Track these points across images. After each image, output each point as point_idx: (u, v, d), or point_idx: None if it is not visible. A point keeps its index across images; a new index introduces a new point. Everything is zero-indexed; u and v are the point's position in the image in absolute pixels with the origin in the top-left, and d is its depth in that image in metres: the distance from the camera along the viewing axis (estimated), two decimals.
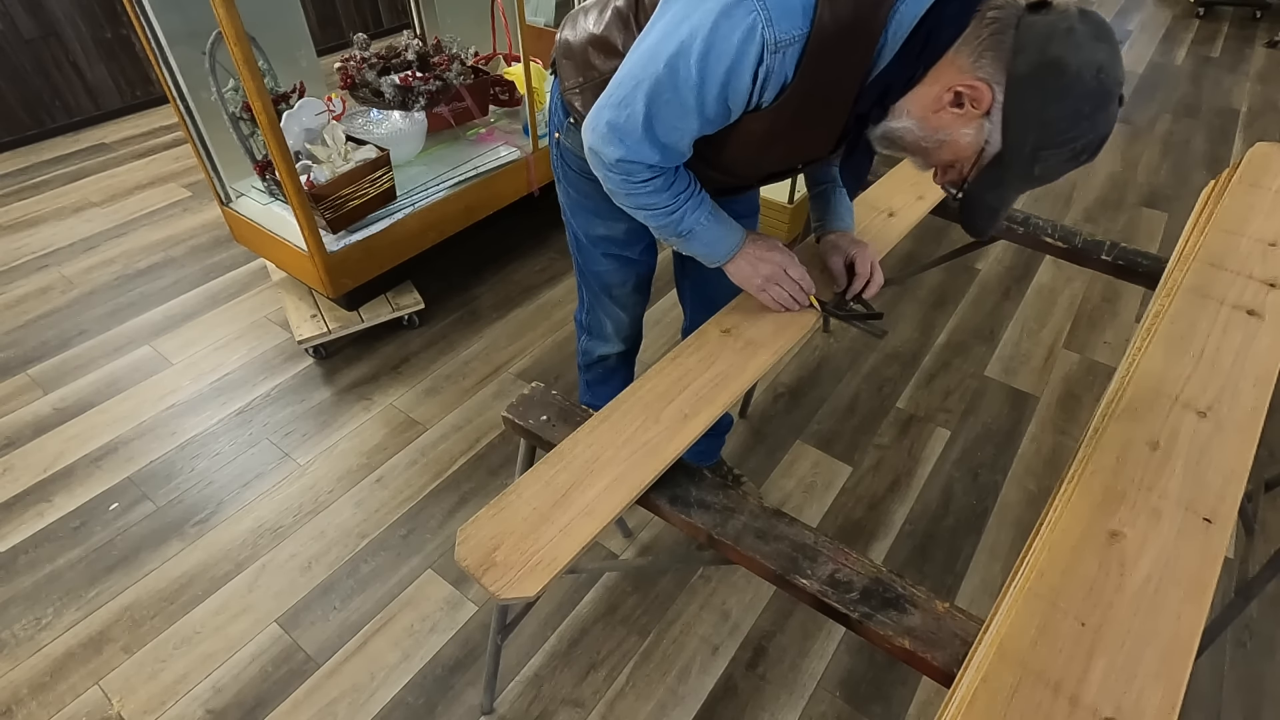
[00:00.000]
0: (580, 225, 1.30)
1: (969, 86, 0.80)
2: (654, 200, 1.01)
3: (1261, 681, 1.48)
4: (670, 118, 0.90)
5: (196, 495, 1.84)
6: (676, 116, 0.89)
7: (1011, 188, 0.87)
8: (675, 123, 0.90)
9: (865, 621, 0.82)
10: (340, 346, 2.28)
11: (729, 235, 1.10)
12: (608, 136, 0.94)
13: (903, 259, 2.62)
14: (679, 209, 1.03)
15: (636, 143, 0.93)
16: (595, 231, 1.29)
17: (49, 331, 2.36)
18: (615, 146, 0.94)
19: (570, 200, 1.29)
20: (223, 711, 1.43)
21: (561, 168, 1.25)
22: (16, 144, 3.43)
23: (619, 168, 0.97)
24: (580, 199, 1.26)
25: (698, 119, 0.89)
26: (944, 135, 0.85)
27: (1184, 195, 3.05)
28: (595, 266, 1.36)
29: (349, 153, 2.03)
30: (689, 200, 1.04)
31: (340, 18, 4.41)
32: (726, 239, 1.10)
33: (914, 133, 0.87)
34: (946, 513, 1.80)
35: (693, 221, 1.05)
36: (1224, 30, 4.80)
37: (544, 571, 0.82)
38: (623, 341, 1.50)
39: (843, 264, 1.21)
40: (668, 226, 1.05)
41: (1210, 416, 0.98)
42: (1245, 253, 1.28)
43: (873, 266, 1.19)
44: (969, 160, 0.86)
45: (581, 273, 1.40)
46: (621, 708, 1.44)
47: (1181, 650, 0.73)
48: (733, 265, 1.12)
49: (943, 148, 0.87)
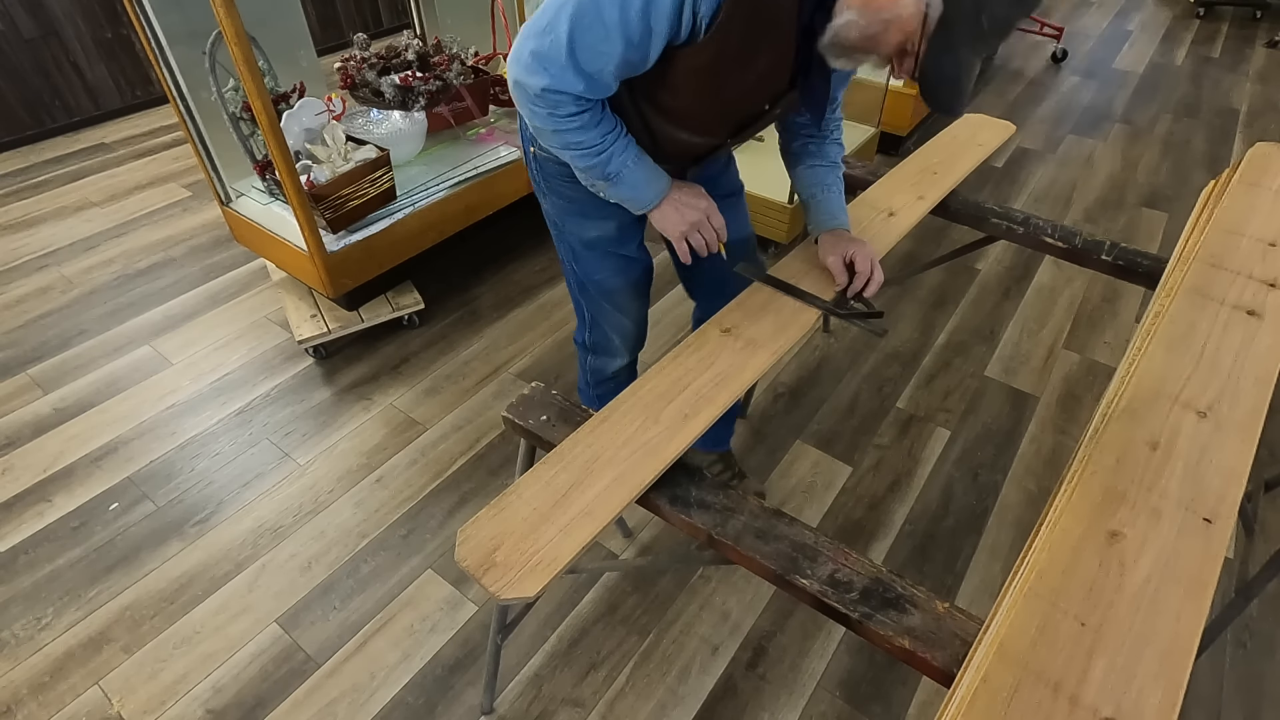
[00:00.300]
0: (572, 232, 1.30)
1: None
2: (581, 138, 1.01)
3: (1261, 681, 1.48)
4: (593, 40, 0.89)
5: (196, 495, 1.84)
6: (599, 39, 0.89)
7: (965, 47, 0.87)
8: (599, 46, 0.90)
9: (865, 621, 0.82)
10: (340, 346, 2.28)
11: (655, 180, 1.10)
12: (531, 66, 0.94)
13: (903, 259, 2.62)
14: (606, 149, 1.03)
15: (560, 69, 0.93)
16: (588, 234, 1.28)
17: (49, 331, 2.36)
18: (539, 75, 0.94)
19: (557, 209, 1.28)
20: (223, 711, 1.43)
21: (542, 178, 1.25)
22: (16, 144, 3.43)
23: (544, 98, 0.96)
24: (566, 204, 1.25)
25: (621, 40, 0.89)
26: (886, 14, 0.85)
27: (1184, 195, 3.05)
28: (594, 274, 1.35)
29: (349, 153, 2.03)
30: (615, 141, 1.03)
31: (340, 18, 4.41)
32: (653, 183, 1.09)
33: (858, 24, 0.87)
34: (946, 513, 1.80)
35: (620, 164, 1.05)
36: (1224, 30, 4.80)
37: (544, 571, 0.82)
38: (629, 351, 1.49)
39: (842, 263, 1.21)
40: (595, 168, 1.05)
41: (1210, 416, 0.98)
42: (1245, 253, 1.28)
43: (873, 265, 1.19)
44: (916, 34, 0.86)
45: (581, 287, 1.39)
46: (621, 708, 1.44)
47: (1181, 650, 0.73)
48: (658, 212, 1.12)
49: (889, 29, 0.86)
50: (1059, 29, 4.31)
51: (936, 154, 1.68)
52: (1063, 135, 3.53)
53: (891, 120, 3.17)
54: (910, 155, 1.67)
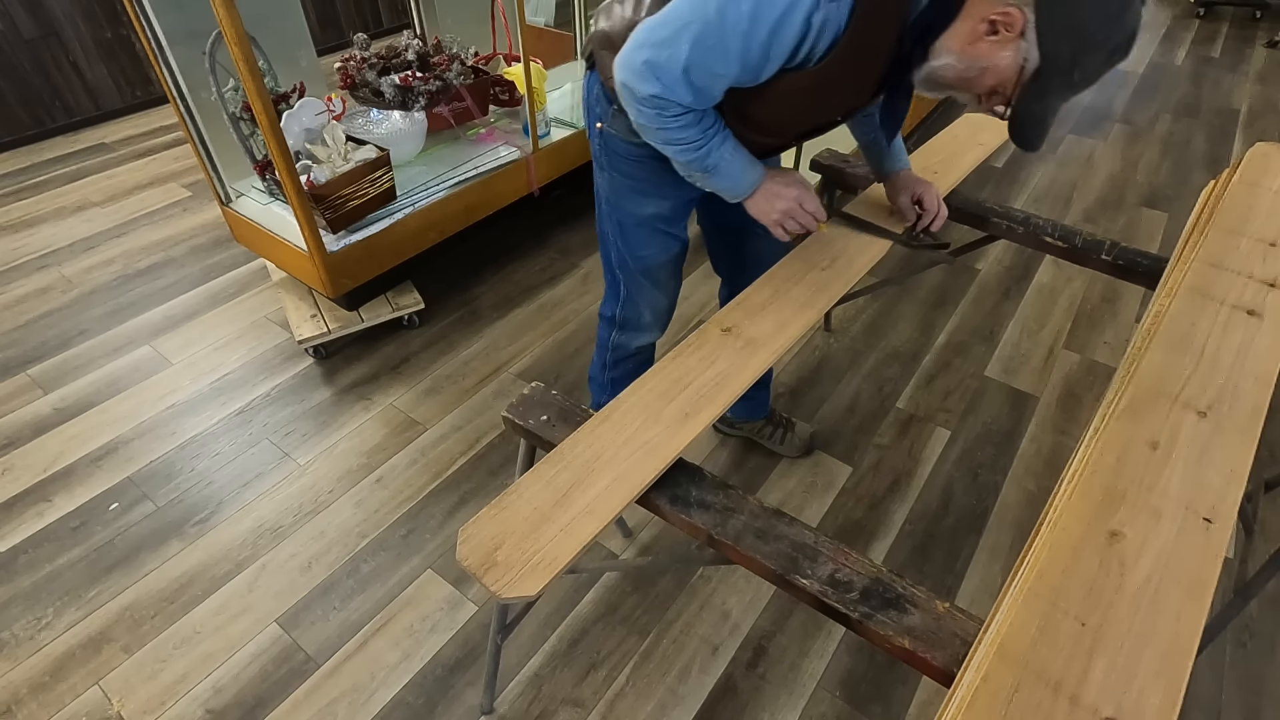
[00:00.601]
0: (628, 208, 1.33)
1: (1002, 14, 0.86)
2: (684, 135, 1.04)
3: (1261, 681, 1.48)
4: (711, 63, 0.93)
5: (196, 495, 1.84)
6: (717, 62, 0.92)
7: (1055, 96, 0.91)
8: (715, 68, 0.93)
9: (865, 621, 0.82)
10: (340, 346, 2.28)
11: (750, 170, 1.13)
12: (643, 74, 0.96)
13: (903, 259, 2.62)
14: (706, 144, 1.06)
15: (673, 82, 0.95)
16: (644, 211, 1.32)
17: (49, 331, 2.36)
18: (650, 84, 0.96)
19: (616, 186, 1.30)
20: (223, 711, 1.43)
21: (606, 156, 1.27)
22: (16, 144, 3.43)
23: (652, 102, 0.99)
24: (629, 182, 1.28)
25: (738, 65, 0.93)
26: (984, 63, 0.90)
27: (1184, 195, 3.05)
28: (640, 250, 1.38)
29: (349, 153, 2.03)
30: (715, 135, 1.06)
31: (340, 18, 4.41)
32: (748, 173, 1.13)
33: (955, 68, 0.92)
34: (946, 513, 1.80)
35: (718, 157, 1.08)
36: (1224, 30, 4.80)
37: (545, 571, 0.83)
38: (660, 328, 1.54)
39: (909, 201, 1.31)
40: (695, 161, 1.08)
41: (1210, 416, 0.98)
42: (1245, 253, 1.28)
43: (939, 202, 1.29)
44: (1011, 81, 0.91)
45: (621, 262, 1.42)
46: (621, 708, 1.44)
47: (1181, 650, 0.73)
48: (752, 201, 1.16)
49: (984, 74, 0.91)
50: None
51: (936, 154, 1.68)
52: (1063, 135, 3.53)
53: None
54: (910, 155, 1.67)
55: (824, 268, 1.29)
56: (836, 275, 1.28)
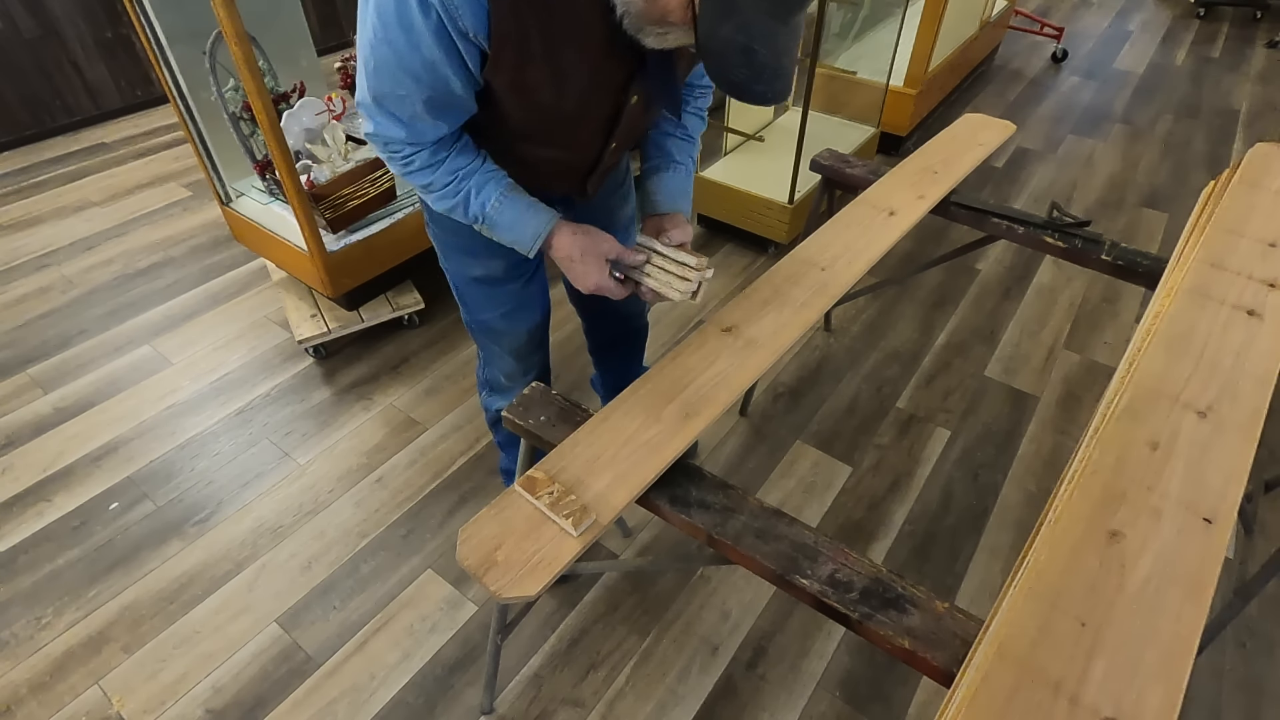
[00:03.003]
0: (456, 268, 1.23)
1: None
2: (427, 179, 0.96)
3: (1261, 681, 1.48)
4: (388, 85, 0.86)
5: (196, 495, 1.84)
6: (390, 80, 0.85)
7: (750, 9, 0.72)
8: (393, 89, 0.86)
9: (865, 621, 0.82)
10: (340, 346, 2.28)
11: (528, 218, 1.00)
12: (362, 112, 0.92)
13: (903, 259, 2.62)
14: (461, 188, 0.97)
15: (376, 117, 0.90)
16: (472, 272, 1.22)
17: (49, 331, 2.36)
18: (366, 121, 0.93)
19: (440, 241, 1.21)
20: (222, 711, 1.43)
21: (426, 209, 1.18)
22: (16, 144, 3.43)
23: (378, 142, 0.94)
24: (448, 237, 1.18)
25: (408, 78, 0.84)
26: None
27: (1184, 195, 3.05)
28: (480, 314, 1.28)
29: (349, 152, 2.03)
30: (470, 178, 0.97)
31: (340, 18, 4.41)
32: (526, 222, 1.00)
33: None
34: (946, 513, 1.80)
35: (480, 204, 0.98)
36: (1224, 30, 4.80)
37: (545, 571, 0.83)
38: None
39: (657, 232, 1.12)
40: (457, 209, 1.00)
41: (1210, 416, 0.98)
42: (1245, 253, 1.28)
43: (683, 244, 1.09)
44: None
45: (470, 325, 1.34)
46: (621, 708, 1.44)
47: (1181, 650, 0.73)
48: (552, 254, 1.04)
49: None
50: (1059, 29, 4.31)
51: (936, 154, 1.68)
52: (1063, 135, 3.53)
53: (891, 120, 3.17)
54: (910, 155, 1.67)
55: (824, 268, 1.29)
56: (836, 275, 1.28)
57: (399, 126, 0.90)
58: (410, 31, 0.80)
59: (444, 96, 0.87)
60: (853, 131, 3.02)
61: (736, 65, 0.75)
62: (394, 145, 0.93)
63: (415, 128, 0.91)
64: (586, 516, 0.87)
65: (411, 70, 0.83)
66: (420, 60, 0.82)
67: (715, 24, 0.73)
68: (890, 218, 1.45)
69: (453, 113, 0.91)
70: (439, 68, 0.83)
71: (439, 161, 0.96)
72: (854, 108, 3.07)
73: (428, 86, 0.85)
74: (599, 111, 0.98)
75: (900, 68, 3.06)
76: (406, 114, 0.89)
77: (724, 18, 0.72)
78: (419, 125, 0.90)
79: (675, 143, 1.16)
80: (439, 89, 0.86)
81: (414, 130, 0.91)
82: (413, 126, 0.90)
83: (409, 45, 0.81)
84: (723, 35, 0.73)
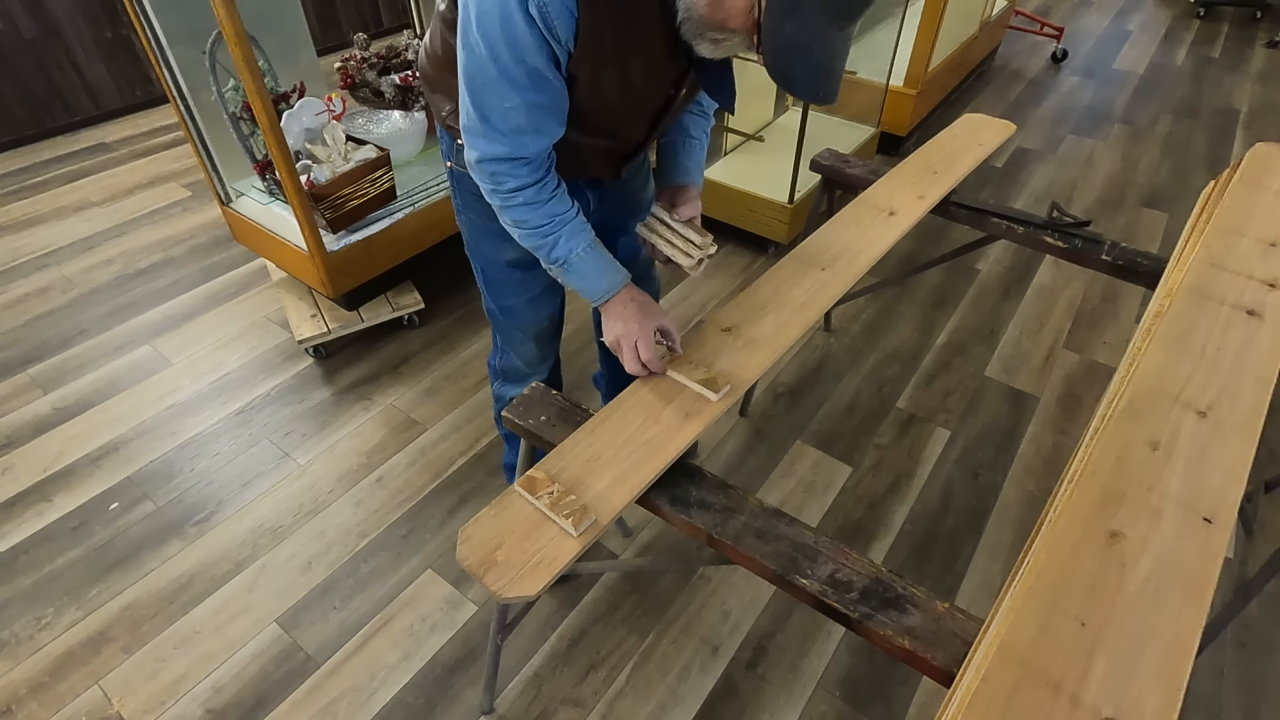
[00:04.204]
0: (488, 253, 1.27)
1: None
2: (526, 216, 1.01)
3: (1261, 681, 1.48)
4: (492, 98, 0.90)
5: (196, 495, 1.84)
6: (496, 94, 0.90)
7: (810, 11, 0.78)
8: (498, 102, 0.90)
9: (865, 621, 0.82)
10: (340, 346, 2.28)
11: (606, 274, 1.08)
12: (467, 142, 0.96)
13: (903, 259, 2.62)
14: (553, 232, 1.03)
15: (481, 138, 0.95)
16: (504, 256, 1.25)
17: (49, 331, 2.36)
18: (470, 149, 0.96)
19: (473, 227, 1.26)
20: (222, 711, 1.43)
21: (460, 195, 1.23)
22: (16, 144, 3.43)
23: (481, 171, 0.98)
24: (483, 222, 1.22)
25: (513, 89, 0.89)
26: None
27: (1184, 195, 3.05)
28: (505, 299, 1.33)
29: (349, 152, 2.03)
30: (564, 226, 1.03)
31: (340, 18, 4.41)
32: (604, 276, 1.08)
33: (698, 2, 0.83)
34: (946, 513, 1.80)
35: (566, 250, 1.04)
36: (1224, 30, 4.80)
37: (545, 571, 0.83)
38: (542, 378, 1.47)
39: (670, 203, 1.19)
40: (542, 249, 1.05)
41: (1210, 416, 0.98)
42: (1245, 253, 1.28)
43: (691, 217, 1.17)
44: None
45: (489, 310, 1.38)
46: (621, 708, 1.44)
47: (1181, 650, 0.73)
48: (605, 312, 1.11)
49: None
50: (1059, 29, 4.31)
51: (936, 154, 1.68)
52: (1063, 135, 3.53)
53: (891, 120, 3.17)
54: (910, 155, 1.67)
55: (824, 268, 1.29)
56: (836, 275, 1.28)
57: (503, 142, 0.94)
58: (514, 45, 0.85)
59: (546, 100, 0.92)
60: (853, 131, 3.02)
61: (794, 61, 0.82)
62: (501, 170, 0.97)
63: (518, 141, 0.94)
64: (586, 516, 0.87)
65: (516, 81, 0.89)
66: (525, 70, 0.88)
67: (780, 21, 0.79)
68: (890, 218, 1.45)
69: (552, 119, 0.95)
70: (542, 73, 0.89)
71: (542, 201, 1.01)
72: (854, 108, 3.07)
73: (533, 93, 0.90)
74: (650, 106, 1.05)
75: (900, 68, 3.06)
76: (510, 126, 0.93)
77: (787, 15, 0.79)
78: (522, 139, 0.94)
79: (691, 117, 1.21)
80: (544, 96, 0.92)
81: (517, 144, 0.95)
82: (516, 140, 0.94)
83: (513, 58, 0.86)
84: (785, 32, 0.80)
